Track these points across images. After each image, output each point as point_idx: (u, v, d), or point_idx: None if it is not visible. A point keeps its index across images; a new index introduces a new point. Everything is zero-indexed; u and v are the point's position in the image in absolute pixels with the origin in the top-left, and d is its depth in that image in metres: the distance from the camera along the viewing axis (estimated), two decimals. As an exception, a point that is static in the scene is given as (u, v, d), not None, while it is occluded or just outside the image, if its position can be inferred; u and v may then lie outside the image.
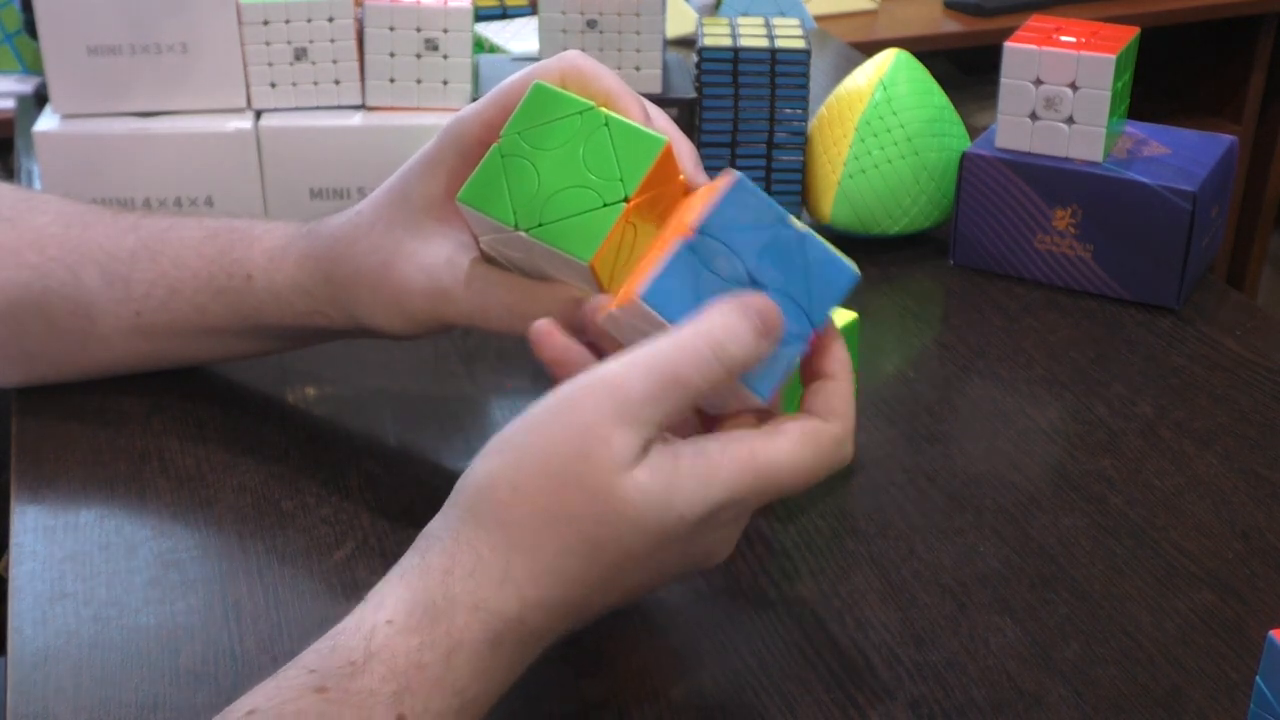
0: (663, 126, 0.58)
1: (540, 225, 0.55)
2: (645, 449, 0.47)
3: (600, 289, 0.55)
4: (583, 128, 0.55)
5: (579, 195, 0.54)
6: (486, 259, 0.60)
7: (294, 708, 0.43)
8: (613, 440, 0.46)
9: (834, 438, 0.50)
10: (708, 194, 0.52)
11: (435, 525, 0.48)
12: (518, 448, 0.47)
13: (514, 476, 0.47)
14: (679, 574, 0.51)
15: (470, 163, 0.59)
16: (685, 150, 0.57)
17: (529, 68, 0.58)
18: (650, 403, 0.46)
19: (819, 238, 0.50)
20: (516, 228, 0.55)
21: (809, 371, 0.52)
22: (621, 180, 0.54)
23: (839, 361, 0.51)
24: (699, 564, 0.51)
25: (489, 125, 0.59)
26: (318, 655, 0.45)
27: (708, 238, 0.50)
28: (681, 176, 0.56)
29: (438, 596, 0.45)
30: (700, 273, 0.50)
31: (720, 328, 0.48)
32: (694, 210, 0.51)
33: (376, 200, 0.62)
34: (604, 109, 0.55)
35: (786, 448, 0.49)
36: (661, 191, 0.55)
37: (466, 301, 0.59)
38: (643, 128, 0.55)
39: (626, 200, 0.54)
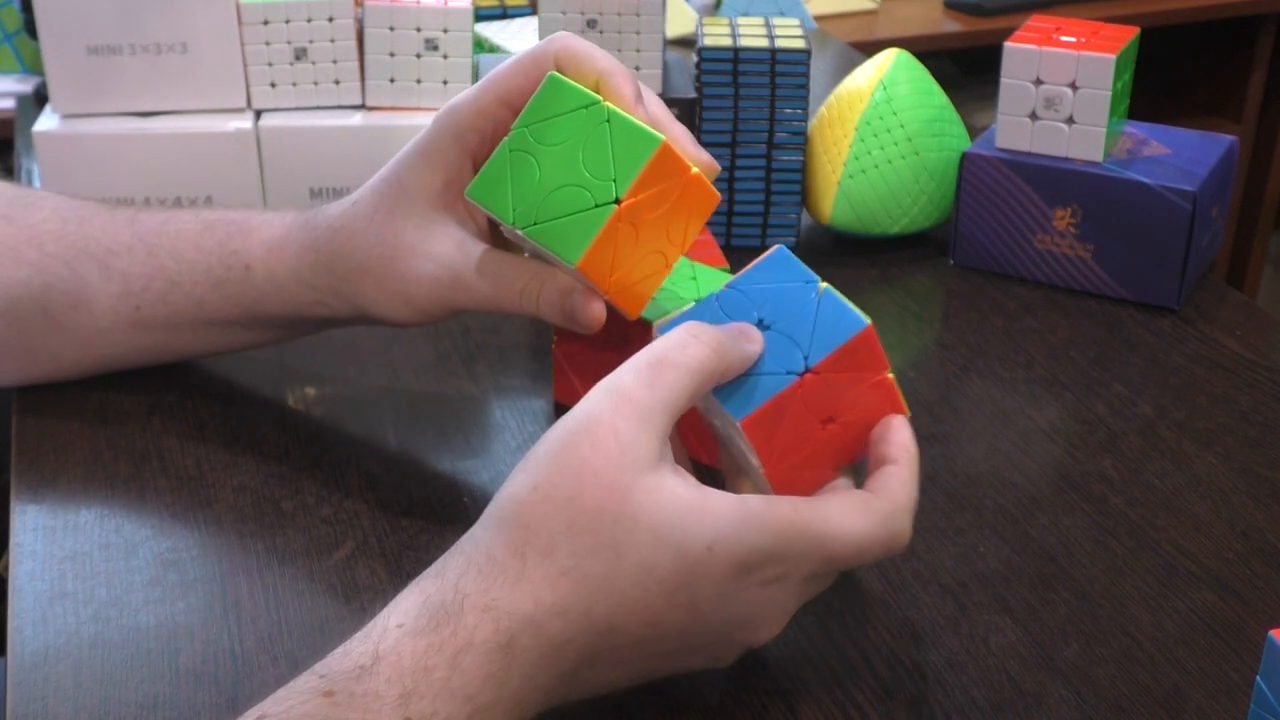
0: (655, 112, 0.58)
1: (535, 224, 0.55)
2: (659, 448, 0.47)
3: (597, 287, 0.55)
4: (586, 122, 0.55)
5: (573, 195, 0.54)
6: (501, 242, 0.60)
7: (301, 711, 0.43)
8: (620, 431, 0.47)
9: (885, 511, 0.50)
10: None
11: (460, 539, 0.48)
12: (537, 457, 0.48)
13: (535, 479, 0.47)
14: (716, 636, 0.49)
15: (465, 150, 0.60)
16: (678, 133, 0.58)
17: (522, 53, 0.59)
18: (645, 388, 0.48)
19: (840, 296, 0.52)
20: (514, 225, 0.55)
21: (874, 458, 0.52)
22: (615, 180, 0.54)
23: (902, 449, 0.51)
24: (741, 633, 0.49)
25: (482, 113, 0.59)
26: (329, 661, 0.45)
27: (735, 291, 0.53)
28: (695, 169, 0.56)
29: (448, 597, 0.45)
30: (719, 318, 0.53)
31: (693, 322, 0.51)
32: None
33: (374, 191, 0.62)
34: (608, 104, 0.55)
35: (835, 513, 0.49)
36: (664, 188, 0.55)
37: (479, 288, 0.60)
38: (642, 125, 0.55)
39: (618, 202, 0.54)
